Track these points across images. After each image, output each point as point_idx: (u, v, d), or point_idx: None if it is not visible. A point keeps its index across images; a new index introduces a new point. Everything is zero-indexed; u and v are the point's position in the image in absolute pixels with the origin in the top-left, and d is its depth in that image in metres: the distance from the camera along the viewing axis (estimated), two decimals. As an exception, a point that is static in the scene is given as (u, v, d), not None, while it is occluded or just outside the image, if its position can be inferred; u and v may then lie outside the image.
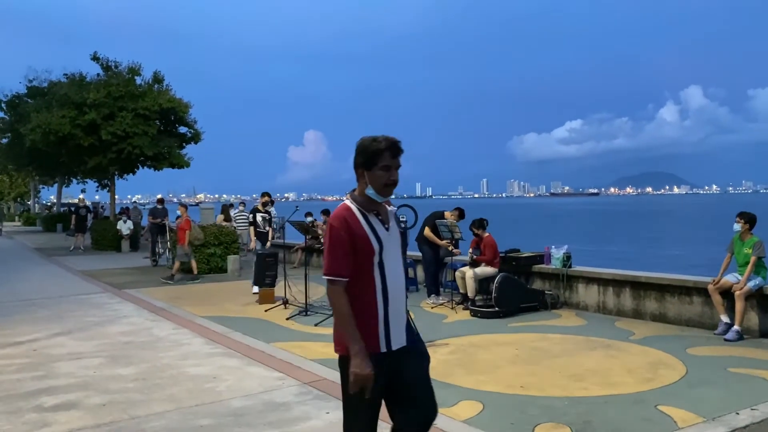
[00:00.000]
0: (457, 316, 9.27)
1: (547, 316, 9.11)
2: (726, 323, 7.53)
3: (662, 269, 11.52)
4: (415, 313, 8.64)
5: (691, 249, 36.13)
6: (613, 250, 35.64)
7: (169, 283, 13.40)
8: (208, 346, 7.39)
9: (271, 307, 10.03)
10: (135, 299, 11.21)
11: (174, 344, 7.53)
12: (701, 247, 35.35)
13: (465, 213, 10.87)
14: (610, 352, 6.90)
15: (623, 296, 8.99)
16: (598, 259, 23.84)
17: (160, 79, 23.90)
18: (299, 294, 10.13)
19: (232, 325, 8.66)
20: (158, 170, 24.41)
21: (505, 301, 9.13)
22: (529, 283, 10.12)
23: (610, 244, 40.38)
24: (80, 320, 9.25)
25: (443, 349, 7.12)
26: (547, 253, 10.17)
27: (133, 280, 13.95)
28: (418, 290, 11.72)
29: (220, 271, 15.09)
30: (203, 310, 9.88)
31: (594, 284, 9.40)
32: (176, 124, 24.47)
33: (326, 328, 8.35)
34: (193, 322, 8.90)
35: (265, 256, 10.78)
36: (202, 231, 15.26)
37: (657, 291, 8.56)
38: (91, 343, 7.69)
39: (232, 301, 10.90)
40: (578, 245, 27.51)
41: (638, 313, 8.78)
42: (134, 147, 21.85)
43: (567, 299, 9.73)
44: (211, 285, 13.16)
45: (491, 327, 8.38)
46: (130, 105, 21.83)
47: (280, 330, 8.35)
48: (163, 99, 22.45)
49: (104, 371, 6.34)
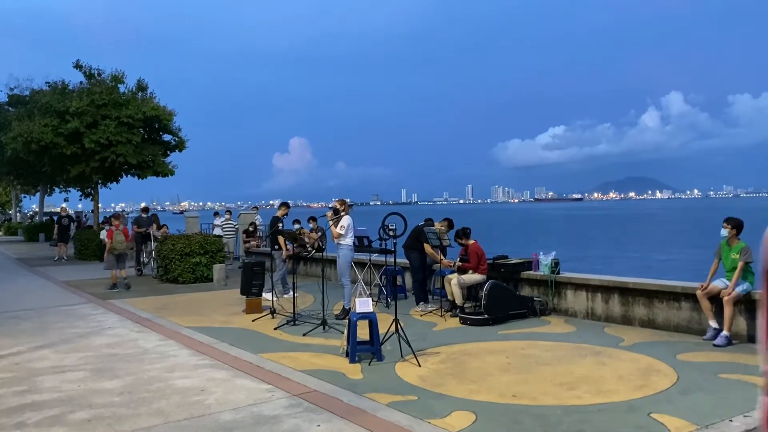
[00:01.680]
0: (447, 323, 9.22)
1: (537, 322, 9.09)
2: (715, 328, 7.54)
3: (650, 274, 11.56)
4: (405, 321, 8.59)
5: (677, 253, 36.45)
6: (599, 255, 35.85)
7: (114, 291, 13.67)
8: (195, 358, 7.28)
9: (258, 316, 9.92)
10: (120, 310, 11.05)
11: (160, 356, 7.41)
12: (687, 251, 35.67)
13: (453, 223, 10.86)
14: (601, 358, 6.89)
15: (612, 302, 9.00)
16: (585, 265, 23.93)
17: (144, 86, 23.70)
18: (287, 303, 10.03)
19: (219, 335, 8.56)
20: (142, 179, 24.18)
21: (495, 308, 9.10)
22: (517, 290, 10.10)
23: (597, 249, 40.63)
24: (64, 332, 9.09)
25: (434, 357, 7.07)
26: (535, 260, 10.16)
27: (117, 291, 13.75)
28: (406, 298, 11.66)
29: (205, 281, 14.94)
30: (189, 321, 9.75)
31: (582, 290, 9.40)
32: (160, 132, 24.27)
33: (315, 337, 8.28)
34: (180, 333, 8.78)
35: (252, 265, 10.68)
36: (188, 240, 15.16)
37: (645, 297, 8.57)
38: (75, 355, 7.55)
39: (218, 311, 10.78)
40: (565, 251, 27.63)
41: (627, 319, 8.78)
42: (118, 155, 21.64)
43: (556, 306, 9.72)
44: (197, 295, 13.01)
45: (481, 334, 8.34)
46: (113, 113, 21.62)
47: (268, 340, 8.25)
48: (147, 107, 22.25)
49: (89, 385, 6.21)
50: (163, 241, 15.90)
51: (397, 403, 5.39)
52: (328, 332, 8.56)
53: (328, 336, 8.35)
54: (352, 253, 9.83)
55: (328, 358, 7.13)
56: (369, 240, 11.86)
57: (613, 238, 53.51)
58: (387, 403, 5.42)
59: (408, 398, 5.56)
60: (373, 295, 11.57)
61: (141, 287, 14.34)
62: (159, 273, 15.79)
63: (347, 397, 5.58)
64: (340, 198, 10.08)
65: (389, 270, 11.11)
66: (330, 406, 5.33)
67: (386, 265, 11.35)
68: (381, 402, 5.44)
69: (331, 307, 10.32)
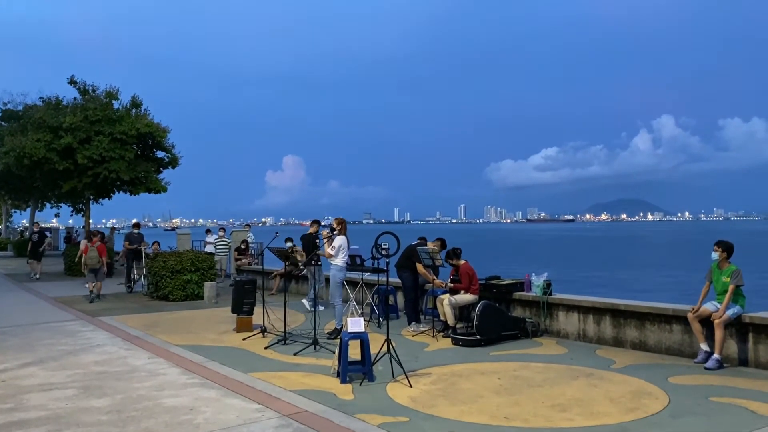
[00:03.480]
0: (439, 344, 9.20)
1: (529, 344, 9.08)
2: (706, 351, 7.56)
3: (641, 296, 11.58)
4: (397, 341, 8.56)
5: (669, 276, 36.55)
6: (591, 277, 35.92)
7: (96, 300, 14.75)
8: (184, 376, 7.23)
9: (249, 335, 9.87)
10: (109, 327, 10.96)
11: (149, 374, 7.36)
12: (678, 274, 35.80)
13: (446, 243, 10.88)
14: (592, 381, 6.88)
15: (603, 324, 9.01)
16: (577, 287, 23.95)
17: (138, 103, 23.73)
18: (278, 322, 9.99)
19: (209, 354, 8.50)
20: (134, 195, 24.13)
21: (487, 329, 9.09)
22: (510, 311, 10.11)
23: (589, 271, 40.70)
24: (52, 349, 9.01)
25: (425, 378, 7.04)
26: (527, 281, 10.18)
27: (107, 307, 13.67)
28: (398, 317, 11.64)
29: (196, 298, 14.86)
30: (179, 339, 9.69)
31: (574, 312, 9.41)
32: (154, 149, 24.25)
33: (306, 357, 8.24)
34: (169, 351, 8.72)
35: (244, 283, 10.64)
36: (179, 257, 15.13)
37: (637, 319, 8.59)
38: (63, 373, 7.48)
39: (208, 329, 10.71)
40: (557, 272, 27.70)
41: (618, 341, 8.79)
42: (110, 171, 21.59)
43: (548, 327, 9.73)
44: (188, 312, 12.93)
45: (473, 355, 8.33)
46: (107, 129, 21.61)
47: (259, 359, 8.21)
48: (140, 123, 22.25)
49: (77, 403, 6.15)
50: (155, 257, 15.84)
51: (388, 424, 5.37)
52: (319, 352, 8.52)
53: (319, 356, 8.31)
54: (343, 273, 9.82)
55: (318, 378, 7.09)
56: (361, 259, 11.86)
57: (604, 259, 53.66)
58: (378, 424, 5.39)
59: (399, 419, 5.53)
60: (365, 315, 11.54)
61: (131, 304, 14.25)
62: (149, 290, 15.70)
63: (338, 418, 5.55)
64: (338, 217, 10.09)
65: (381, 289, 11.11)
66: (320, 427, 5.30)
67: (378, 284, 11.35)
68: (372, 423, 5.41)
69: (323, 327, 10.28)
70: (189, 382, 6.98)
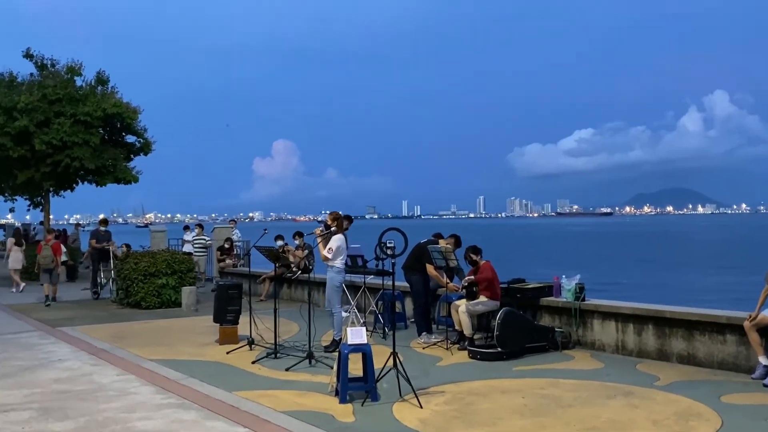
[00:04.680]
0: (453, 358, 9.22)
1: (558, 357, 9.10)
2: (765, 366, 7.55)
3: (690, 302, 11.56)
4: (405, 354, 8.58)
5: (722, 278, 36.46)
6: (631, 279, 35.88)
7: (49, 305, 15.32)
8: (159, 396, 7.27)
9: (233, 348, 9.91)
10: (72, 339, 11.03)
11: (119, 393, 7.40)
12: (733, 276, 35.71)
13: (461, 240, 10.88)
14: (632, 400, 6.89)
15: (645, 334, 9.00)
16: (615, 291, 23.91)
17: (105, 80, 23.78)
18: (267, 332, 10.02)
19: (187, 370, 8.54)
20: (101, 186, 24.19)
21: (509, 341, 9.10)
22: (536, 319, 10.11)
23: (629, 272, 40.66)
24: (6, 365, 9.07)
25: (438, 398, 7.06)
26: (556, 284, 10.18)
27: (70, 316, 13.75)
28: (407, 327, 11.66)
29: (173, 305, 14.92)
30: (153, 352, 9.74)
31: (611, 320, 9.41)
32: (123, 133, 24.31)
33: (300, 373, 8.26)
34: (141, 367, 8.78)
35: (227, 288, 10.67)
36: (153, 258, 15.19)
37: (684, 328, 8.58)
38: (19, 392, 7.52)
39: (187, 341, 10.77)
40: (592, 274, 27.69)
41: (663, 354, 8.78)
42: (73, 159, 21.64)
43: (580, 338, 9.73)
44: (163, 322, 13.00)
45: (493, 371, 8.34)
46: (68, 110, 21.66)
47: (245, 376, 8.24)
48: (107, 103, 22.30)
49: (35, 426, 6.19)
50: (125, 258, 15.91)
51: (394, 451, 5.38)
52: (315, 367, 8.55)
53: (314, 371, 8.34)
54: (341, 276, 9.84)
55: (314, 398, 7.11)
56: (364, 260, 11.87)
57: (647, 259, 53.59)
58: (382, 450, 5.40)
59: (407, 445, 5.54)
60: (367, 324, 11.57)
61: (97, 313, 14.32)
62: (118, 296, 15.78)
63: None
64: (333, 211, 10.07)
65: (387, 295, 11.12)
66: (316, 454, 5.31)
67: (383, 288, 11.36)
68: (375, 449, 5.43)
69: (319, 338, 10.31)
70: (164, 402, 7.02)
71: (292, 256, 15.42)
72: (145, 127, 24.41)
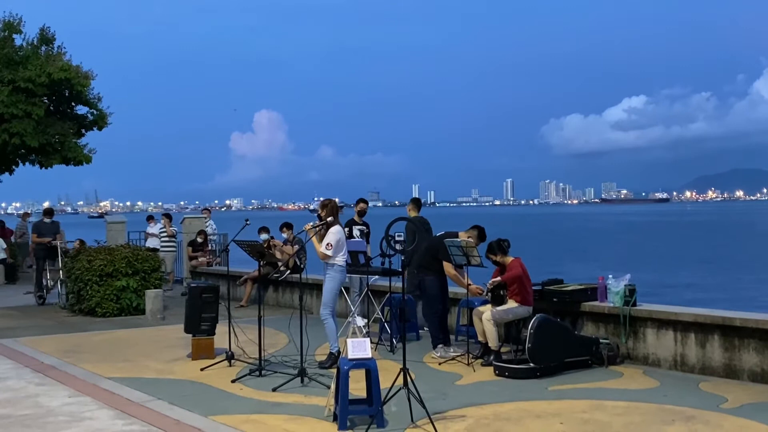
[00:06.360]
0: (476, 375, 9.25)
1: (604, 374, 9.12)
2: None
3: (763, 307, 11.56)
4: (418, 371, 8.61)
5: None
6: (692, 281, 35.82)
7: None
8: (120, 421, 7.30)
9: (209, 364, 9.95)
10: (13, 353, 11.07)
11: (71, 419, 7.43)
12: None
13: (485, 233, 10.87)
14: (695, 425, 6.91)
15: (710, 346, 9.01)
16: (672, 294, 23.90)
17: (50, 38, 23.81)
18: (250, 345, 10.06)
19: (153, 390, 8.58)
20: (46, 168, 24.25)
21: (544, 354, 9.11)
22: (576, 329, 10.14)
23: (689, 272, 40.60)
24: (-66, 385, 9.11)
25: (458, 423, 7.08)
26: (601, 286, 10.19)
27: (10, 326, 13.80)
28: (419, 338, 11.69)
29: (135, 312, 14.96)
30: (112, 369, 9.78)
31: (669, 329, 9.42)
32: (72, 103, 24.36)
33: (290, 394, 8.29)
34: (98, 387, 8.81)
35: (201, 291, 10.69)
36: (110, 255, 15.18)
37: (758, 339, 8.59)
38: (-50, 417, 7.58)
39: (153, 355, 10.81)
40: (645, 274, 27.68)
41: (732, 371, 8.80)
42: (12, 135, 21.70)
43: (630, 351, 9.75)
44: (123, 332, 13.05)
45: (524, 391, 8.36)
46: (6, 75, 21.71)
47: (224, 397, 8.28)
48: (53, 67, 22.33)
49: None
50: (76, 256, 15.94)
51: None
52: (308, 386, 8.58)
53: (307, 391, 8.37)
54: (343, 275, 9.86)
55: (308, 423, 7.15)
56: (366, 256, 11.89)
57: (711, 255, 53.49)
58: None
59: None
60: (372, 335, 11.60)
61: (44, 321, 14.37)
62: (69, 301, 15.83)
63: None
64: (325, 198, 10.09)
65: (395, 299, 11.14)
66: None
67: (391, 291, 11.38)
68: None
69: (313, 352, 10.34)
70: (126, 429, 7.05)
71: (279, 253, 15.47)
72: (99, 95, 24.46)
